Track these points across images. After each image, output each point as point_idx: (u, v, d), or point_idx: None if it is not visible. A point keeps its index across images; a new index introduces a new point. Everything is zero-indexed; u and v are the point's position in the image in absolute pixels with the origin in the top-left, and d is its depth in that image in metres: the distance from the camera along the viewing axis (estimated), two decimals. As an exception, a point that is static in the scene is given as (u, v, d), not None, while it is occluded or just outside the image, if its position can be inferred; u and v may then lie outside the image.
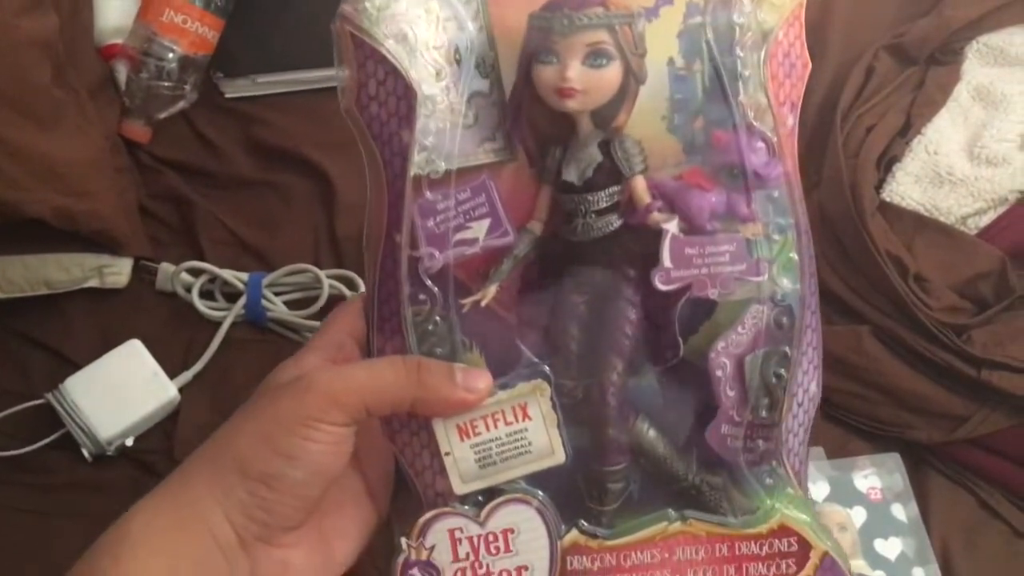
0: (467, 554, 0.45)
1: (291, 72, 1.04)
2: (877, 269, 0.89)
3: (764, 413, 0.45)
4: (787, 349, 0.45)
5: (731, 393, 0.45)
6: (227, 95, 1.05)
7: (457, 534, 0.45)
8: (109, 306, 0.95)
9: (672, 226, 0.44)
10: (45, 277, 0.92)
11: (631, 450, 0.46)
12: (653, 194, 0.45)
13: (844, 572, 0.46)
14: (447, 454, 0.45)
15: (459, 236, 0.45)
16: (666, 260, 0.44)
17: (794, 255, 0.45)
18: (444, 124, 0.44)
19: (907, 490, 0.85)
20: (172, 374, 0.90)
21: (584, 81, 0.44)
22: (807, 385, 0.47)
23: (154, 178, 1.01)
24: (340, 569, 0.47)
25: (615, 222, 0.45)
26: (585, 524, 0.46)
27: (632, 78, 0.44)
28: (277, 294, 0.95)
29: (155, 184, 1.01)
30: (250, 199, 1.01)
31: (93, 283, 0.93)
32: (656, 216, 0.45)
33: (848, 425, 0.89)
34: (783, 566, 0.46)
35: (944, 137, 0.97)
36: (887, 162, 0.96)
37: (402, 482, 0.47)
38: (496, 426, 0.45)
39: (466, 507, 0.46)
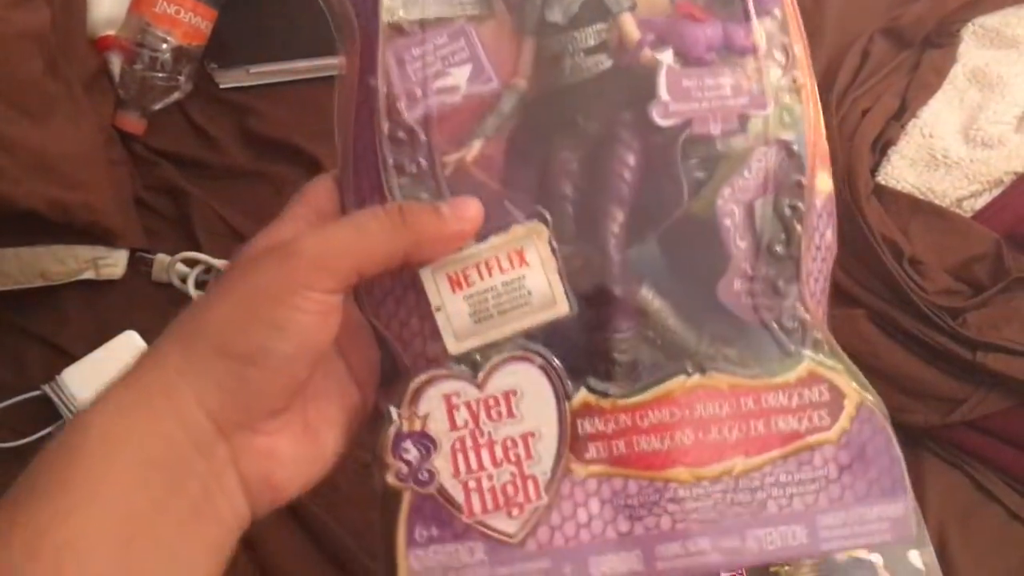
0: (466, 421, 0.41)
1: (285, 62, 1.02)
2: (872, 252, 0.88)
3: (780, 248, 0.42)
4: (800, 178, 0.42)
5: (742, 244, 0.41)
6: (221, 85, 1.04)
7: (454, 399, 0.41)
8: (105, 297, 0.93)
9: (667, 57, 0.41)
10: (40, 269, 0.91)
11: (637, 318, 0.42)
12: (643, 30, 0.42)
13: (882, 422, 0.42)
14: (438, 309, 0.41)
15: (439, 83, 0.41)
16: (663, 93, 0.41)
17: (800, 77, 0.42)
18: None
19: None
20: (169, 365, 0.90)
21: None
22: (823, 230, 0.43)
23: (149, 169, 0.99)
24: (330, 459, 0.43)
25: (605, 62, 0.42)
26: (595, 383, 0.41)
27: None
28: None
29: (150, 175, 0.99)
30: (245, 189, 0.98)
31: (88, 275, 0.91)
32: (648, 53, 0.42)
33: (845, 409, 0.89)
34: (815, 418, 0.42)
35: (940, 120, 0.96)
36: (882, 145, 0.95)
37: (390, 371, 0.43)
38: (491, 275, 0.41)
39: (463, 368, 0.41)
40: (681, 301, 0.42)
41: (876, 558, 0.77)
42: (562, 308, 0.41)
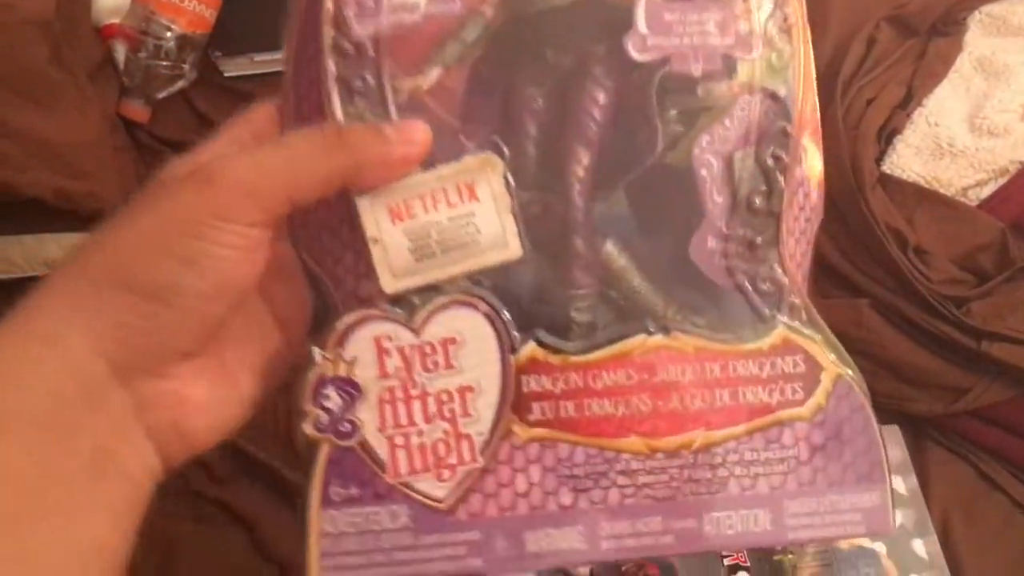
0: (397, 369, 0.36)
1: (289, 50, 1.05)
2: (877, 242, 0.84)
3: (759, 202, 0.38)
4: (786, 126, 0.37)
5: (719, 199, 0.37)
6: (226, 74, 1.01)
7: (385, 343, 0.36)
8: None
9: None
10: (44, 257, 0.90)
11: (600, 275, 0.38)
12: None
13: (862, 399, 0.38)
14: (375, 241, 0.36)
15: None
16: (641, 25, 0.36)
17: (791, 15, 0.38)
18: None
19: (906, 463, 0.81)
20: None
21: None
22: (808, 188, 0.39)
23: (153, 158, 0.96)
24: (248, 406, 0.38)
25: None
26: (545, 336, 0.37)
27: None
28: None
29: (154, 164, 0.99)
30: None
31: None
32: None
33: (848, 398, 0.89)
34: (788, 391, 0.38)
35: (945, 108, 0.93)
36: (887, 134, 0.91)
37: (323, 314, 0.39)
38: (436, 208, 0.36)
39: (398, 310, 0.36)
40: (649, 259, 0.38)
41: (879, 547, 0.77)
42: (513, 251, 0.36)
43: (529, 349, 0.37)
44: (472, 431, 0.37)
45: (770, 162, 0.38)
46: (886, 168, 0.91)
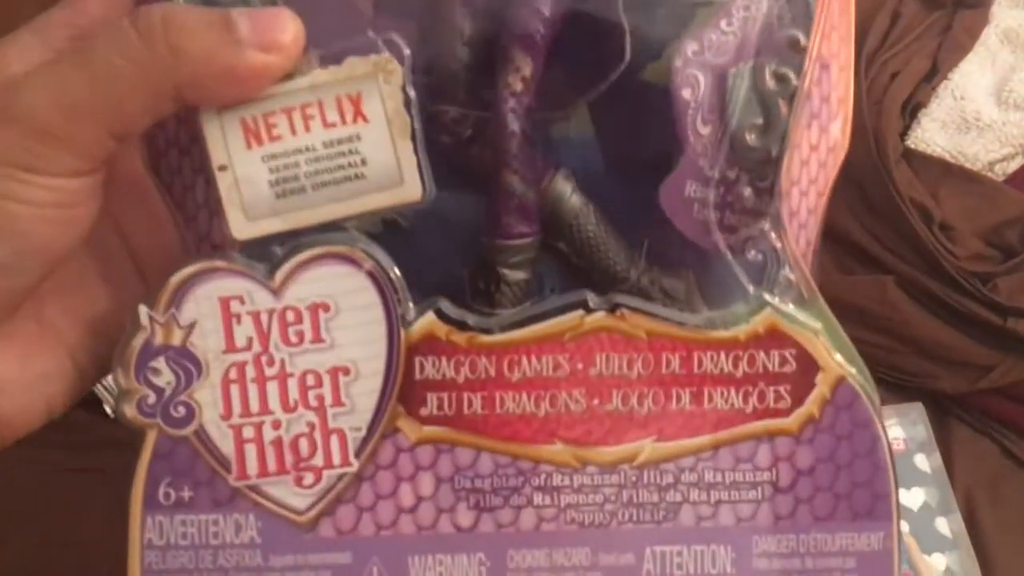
0: (249, 340, 0.26)
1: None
2: (901, 217, 0.80)
3: (753, 139, 0.27)
4: (797, 35, 0.27)
5: (704, 130, 0.27)
6: None
7: (235, 306, 0.26)
8: None
9: None
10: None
11: (542, 221, 0.27)
12: None
13: (870, 412, 0.27)
14: (222, 168, 0.26)
15: None
16: None
17: None
18: None
19: (930, 440, 0.77)
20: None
21: None
22: (824, 122, 0.29)
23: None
24: (90, 371, 0.29)
25: None
26: (447, 308, 0.27)
27: None
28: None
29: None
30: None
31: None
32: None
33: (872, 376, 0.88)
34: (770, 396, 0.27)
35: (971, 82, 0.89)
36: (912, 108, 0.86)
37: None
38: (308, 129, 0.26)
39: (255, 264, 0.26)
40: (613, 202, 0.28)
41: (903, 525, 0.76)
42: (411, 190, 0.26)
43: (426, 322, 0.26)
44: (345, 425, 0.27)
45: (771, 84, 0.27)
46: (911, 143, 0.88)
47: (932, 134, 0.86)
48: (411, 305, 0.27)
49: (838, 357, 0.28)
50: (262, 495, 0.27)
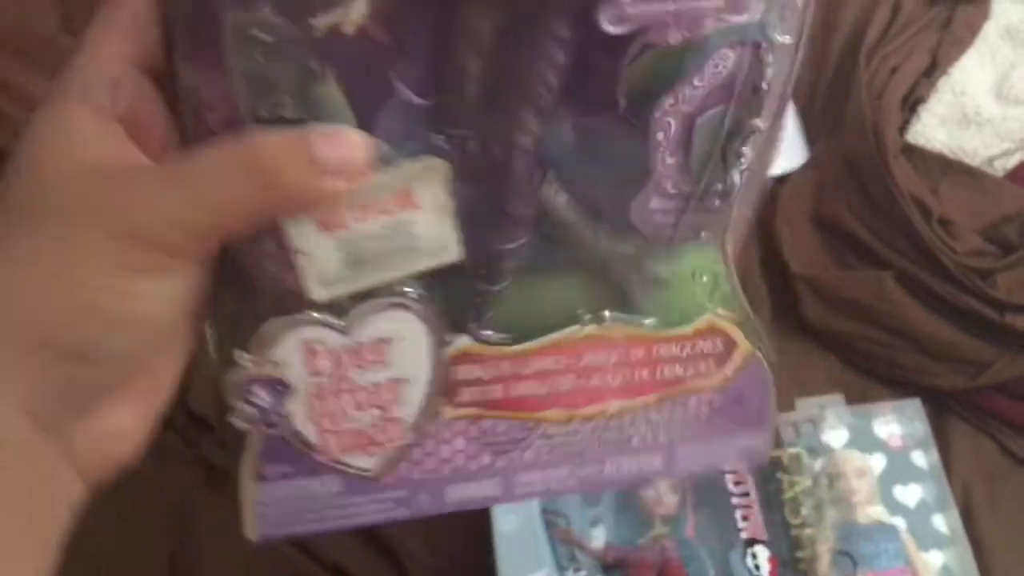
0: (327, 368, 0.35)
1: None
2: (900, 212, 0.84)
3: (718, 185, 0.35)
4: (762, 84, 0.33)
5: (670, 161, 0.34)
6: None
7: (314, 346, 0.34)
8: None
9: None
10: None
11: (535, 221, 0.35)
12: None
13: (767, 373, 0.40)
14: (301, 252, 0.32)
15: None
16: None
17: None
18: None
19: (928, 437, 0.80)
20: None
21: None
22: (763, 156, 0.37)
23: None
24: (166, 408, 0.35)
25: None
26: (478, 330, 0.37)
27: None
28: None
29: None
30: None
31: None
32: None
33: (868, 372, 0.86)
34: (702, 367, 0.39)
35: (971, 77, 0.93)
36: (912, 103, 0.92)
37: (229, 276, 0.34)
38: (371, 218, 0.32)
39: (327, 316, 0.34)
40: (584, 194, 0.36)
41: (899, 522, 0.76)
42: (452, 254, 0.34)
43: (462, 343, 0.37)
44: (401, 415, 0.37)
45: (729, 126, 0.34)
46: (910, 137, 0.90)
47: (932, 129, 0.87)
48: (450, 333, 0.37)
49: (750, 336, 0.40)
50: (341, 464, 0.38)
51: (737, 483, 0.76)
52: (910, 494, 0.78)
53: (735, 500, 0.76)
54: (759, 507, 0.76)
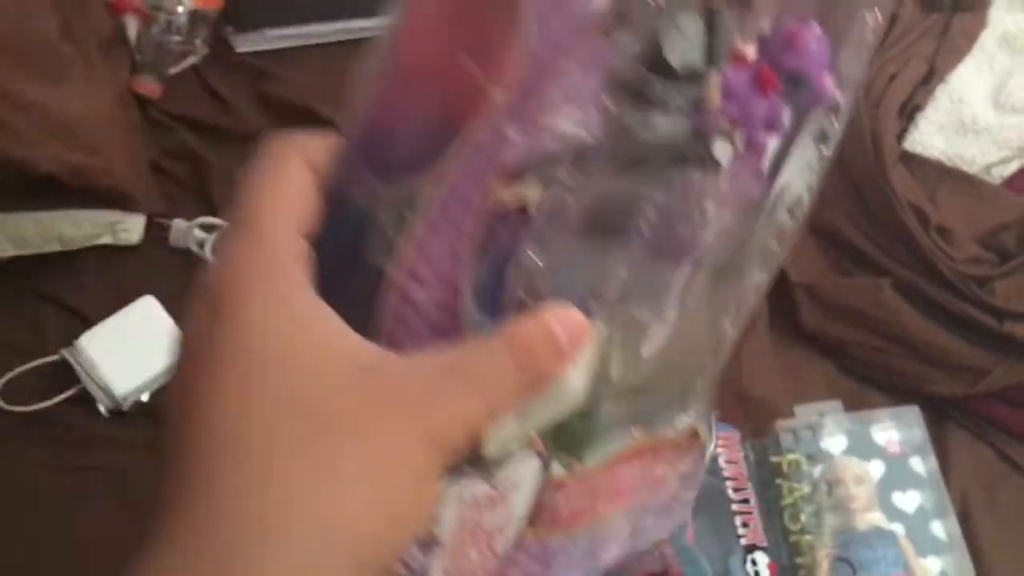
0: (471, 519, 0.35)
1: (302, 26, 1.01)
2: (898, 220, 0.85)
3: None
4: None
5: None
6: (238, 50, 1.03)
7: (467, 498, 0.35)
8: (123, 262, 0.93)
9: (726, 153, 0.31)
10: (58, 233, 0.90)
11: None
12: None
13: (704, 450, 0.42)
14: None
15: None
16: None
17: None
18: None
19: (926, 443, 0.81)
20: (186, 330, 0.90)
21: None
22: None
23: (166, 134, 0.98)
24: None
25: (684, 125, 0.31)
26: (569, 459, 0.37)
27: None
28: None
29: (167, 140, 0.98)
30: (262, 154, 1.01)
31: (106, 239, 0.91)
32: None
33: (867, 378, 0.87)
34: (679, 463, 0.42)
35: (968, 85, 0.94)
36: (910, 111, 0.93)
37: None
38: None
39: (478, 467, 0.34)
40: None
41: (898, 528, 0.77)
42: (580, 398, 0.33)
43: (557, 472, 0.36)
44: (501, 549, 0.37)
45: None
46: (908, 145, 0.91)
47: (929, 137, 0.88)
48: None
49: (709, 432, 0.42)
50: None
51: (737, 490, 0.76)
52: (909, 500, 0.79)
53: (735, 507, 0.76)
54: (758, 514, 0.76)
